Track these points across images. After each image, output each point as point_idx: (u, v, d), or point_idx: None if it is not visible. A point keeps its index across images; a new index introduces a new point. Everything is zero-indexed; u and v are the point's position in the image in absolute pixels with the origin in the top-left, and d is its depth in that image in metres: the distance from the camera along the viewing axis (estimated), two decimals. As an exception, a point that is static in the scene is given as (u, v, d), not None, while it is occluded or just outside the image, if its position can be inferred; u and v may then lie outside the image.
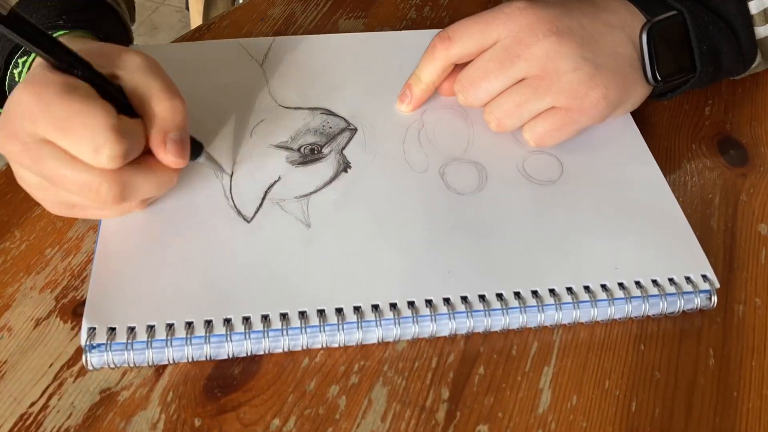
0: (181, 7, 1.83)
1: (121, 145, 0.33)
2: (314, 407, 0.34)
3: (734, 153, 0.47)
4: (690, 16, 0.44)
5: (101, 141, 0.32)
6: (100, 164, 0.33)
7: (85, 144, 0.32)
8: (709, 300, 0.38)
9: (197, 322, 0.35)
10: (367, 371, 0.35)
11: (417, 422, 0.34)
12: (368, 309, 0.36)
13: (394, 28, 0.56)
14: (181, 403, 0.34)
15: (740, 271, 0.40)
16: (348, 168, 0.43)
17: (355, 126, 0.45)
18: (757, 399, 0.35)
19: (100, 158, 0.33)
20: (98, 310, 0.35)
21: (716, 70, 0.46)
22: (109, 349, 0.34)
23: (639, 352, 0.37)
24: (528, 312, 0.36)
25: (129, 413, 0.33)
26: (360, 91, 0.48)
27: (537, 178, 0.43)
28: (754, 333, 0.38)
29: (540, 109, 0.42)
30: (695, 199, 0.44)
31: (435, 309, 0.36)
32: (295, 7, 0.57)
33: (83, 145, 0.32)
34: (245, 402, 0.34)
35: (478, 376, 0.35)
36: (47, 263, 0.39)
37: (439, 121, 0.46)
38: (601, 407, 0.35)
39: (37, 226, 0.41)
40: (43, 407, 0.34)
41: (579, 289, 0.37)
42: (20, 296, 0.37)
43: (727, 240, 0.42)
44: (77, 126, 0.32)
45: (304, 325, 0.35)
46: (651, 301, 0.37)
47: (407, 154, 0.44)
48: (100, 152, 0.32)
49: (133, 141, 0.34)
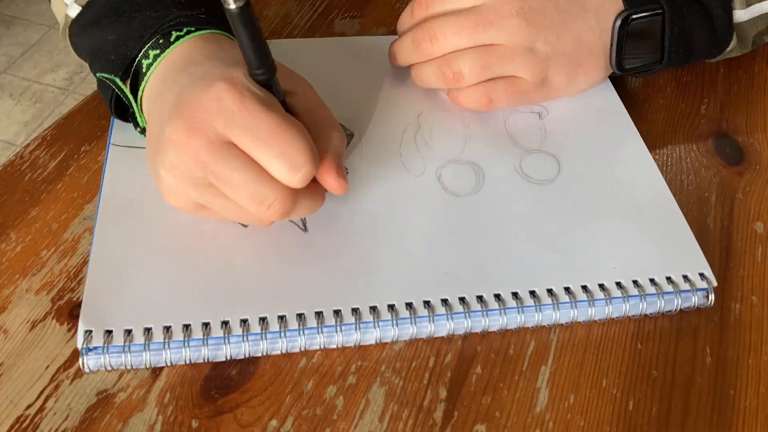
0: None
1: (315, 168, 0.34)
2: (312, 408, 0.34)
3: (730, 151, 0.47)
4: (670, 10, 0.44)
5: (302, 161, 0.33)
6: (290, 182, 0.33)
7: (285, 161, 0.33)
8: (707, 298, 0.38)
9: (195, 324, 0.35)
10: (365, 371, 0.35)
11: (415, 422, 0.34)
12: (366, 310, 0.36)
13: (389, 28, 0.56)
14: (178, 404, 0.34)
15: (737, 270, 0.40)
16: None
17: (351, 130, 0.45)
18: (754, 397, 0.35)
19: (294, 177, 0.33)
20: (94, 312, 0.35)
21: (687, 53, 0.47)
22: (105, 351, 0.34)
23: (636, 351, 0.37)
24: (525, 312, 0.36)
25: (126, 415, 0.33)
26: (355, 94, 0.48)
27: (534, 177, 0.43)
28: (750, 331, 0.38)
29: (500, 74, 0.44)
30: (692, 197, 0.44)
31: (433, 310, 0.36)
32: (290, 8, 0.57)
33: (282, 161, 0.33)
34: (243, 403, 0.34)
35: (476, 376, 0.35)
36: (43, 265, 0.39)
37: (435, 122, 0.46)
38: (599, 406, 0.35)
39: (33, 227, 0.40)
40: (40, 409, 0.33)
41: (576, 289, 0.37)
42: (16, 298, 0.37)
43: (723, 238, 0.42)
44: (281, 142, 0.32)
45: (302, 327, 0.35)
46: (648, 299, 0.37)
47: (404, 157, 0.44)
48: (297, 171, 0.33)
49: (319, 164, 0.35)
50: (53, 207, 0.42)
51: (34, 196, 0.37)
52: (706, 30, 0.46)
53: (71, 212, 0.41)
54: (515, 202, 0.41)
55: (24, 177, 0.43)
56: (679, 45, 0.46)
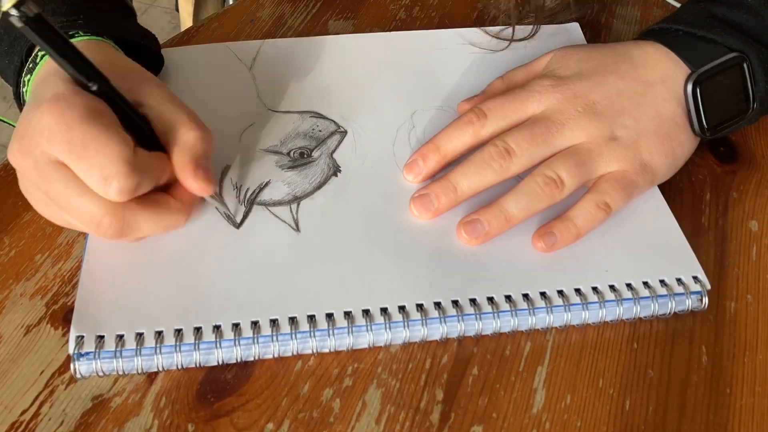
0: (171, 8, 1.83)
1: (131, 179, 0.32)
2: (308, 411, 0.34)
3: (724, 150, 0.47)
4: (753, 55, 0.41)
5: (112, 171, 0.32)
6: (107, 195, 0.32)
7: (96, 172, 0.32)
8: (701, 301, 0.38)
9: (186, 329, 0.35)
10: (361, 374, 0.35)
11: (411, 424, 0.34)
12: (359, 314, 0.36)
13: (383, 28, 0.55)
14: (174, 408, 0.34)
15: (731, 268, 0.41)
16: (338, 172, 0.42)
17: (344, 128, 0.45)
18: (750, 396, 0.35)
19: (108, 190, 0.32)
20: (86, 318, 0.35)
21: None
22: (97, 357, 0.33)
23: (632, 351, 0.37)
24: (519, 315, 0.36)
25: (122, 420, 0.33)
26: (349, 93, 0.48)
27: (528, 177, 0.43)
28: (746, 330, 0.38)
29: (594, 172, 0.40)
30: (686, 196, 0.44)
31: (426, 313, 0.36)
32: (284, 9, 0.57)
33: (93, 172, 0.32)
34: (239, 407, 0.34)
35: (472, 377, 0.35)
36: (37, 269, 0.39)
37: (429, 121, 0.46)
38: (596, 406, 0.35)
39: (27, 232, 0.40)
40: (35, 415, 0.33)
41: (570, 292, 0.37)
42: (10, 303, 0.37)
43: (718, 237, 0.42)
44: (91, 153, 0.32)
45: (295, 331, 0.35)
46: (642, 303, 0.37)
47: (397, 156, 0.44)
48: (109, 183, 0.32)
49: (145, 176, 0.34)
50: (47, 211, 0.41)
51: (28, 201, 0.37)
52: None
53: (65, 216, 0.41)
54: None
55: (17, 181, 0.43)
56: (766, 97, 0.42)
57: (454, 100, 0.47)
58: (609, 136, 0.40)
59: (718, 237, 0.42)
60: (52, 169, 0.33)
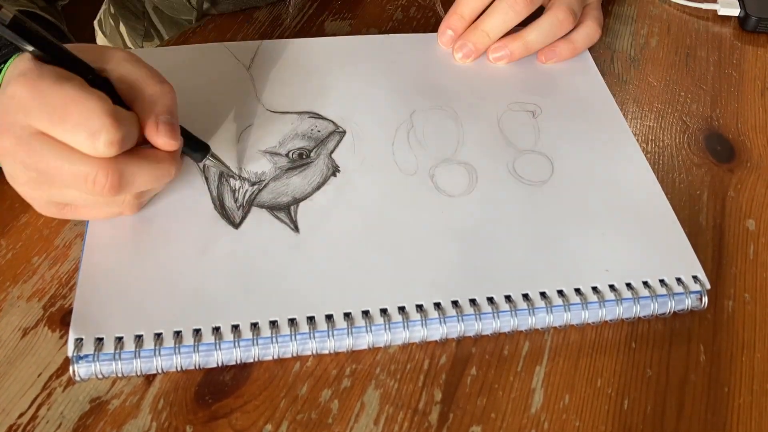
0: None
1: (118, 131, 0.32)
2: (306, 412, 0.34)
3: (721, 149, 0.48)
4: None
5: (98, 126, 0.32)
6: (96, 151, 0.32)
7: (81, 130, 0.32)
8: (700, 301, 0.38)
9: (185, 331, 0.34)
10: (359, 374, 0.35)
11: (410, 425, 0.34)
12: (358, 315, 0.35)
13: (380, 29, 0.55)
14: (172, 410, 0.34)
15: (729, 267, 0.41)
16: (337, 172, 0.42)
17: (343, 129, 0.45)
18: (748, 394, 0.35)
19: (97, 144, 0.32)
20: (85, 320, 0.34)
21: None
22: (96, 359, 0.33)
23: (630, 350, 0.37)
24: (519, 315, 0.36)
25: (120, 422, 0.33)
26: (348, 93, 0.47)
27: (527, 178, 0.43)
28: (744, 328, 0.38)
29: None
30: (683, 195, 0.44)
31: (426, 314, 0.36)
32: (280, 9, 0.57)
33: (79, 131, 0.32)
34: (237, 408, 0.34)
35: (471, 378, 0.35)
36: (34, 272, 0.39)
37: (428, 121, 0.46)
38: (594, 406, 0.35)
39: (24, 234, 0.40)
40: (32, 418, 0.33)
41: (570, 292, 0.37)
42: (7, 305, 0.37)
43: (715, 236, 0.42)
44: (73, 113, 0.31)
45: (294, 333, 0.35)
46: (642, 302, 0.37)
47: (396, 156, 0.44)
48: (97, 138, 0.32)
49: (128, 128, 0.33)
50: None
51: (25, 203, 0.36)
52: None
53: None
54: (508, 204, 0.41)
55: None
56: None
57: (453, 100, 0.47)
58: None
59: (716, 236, 0.42)
60: (35, 140, 0.32)
